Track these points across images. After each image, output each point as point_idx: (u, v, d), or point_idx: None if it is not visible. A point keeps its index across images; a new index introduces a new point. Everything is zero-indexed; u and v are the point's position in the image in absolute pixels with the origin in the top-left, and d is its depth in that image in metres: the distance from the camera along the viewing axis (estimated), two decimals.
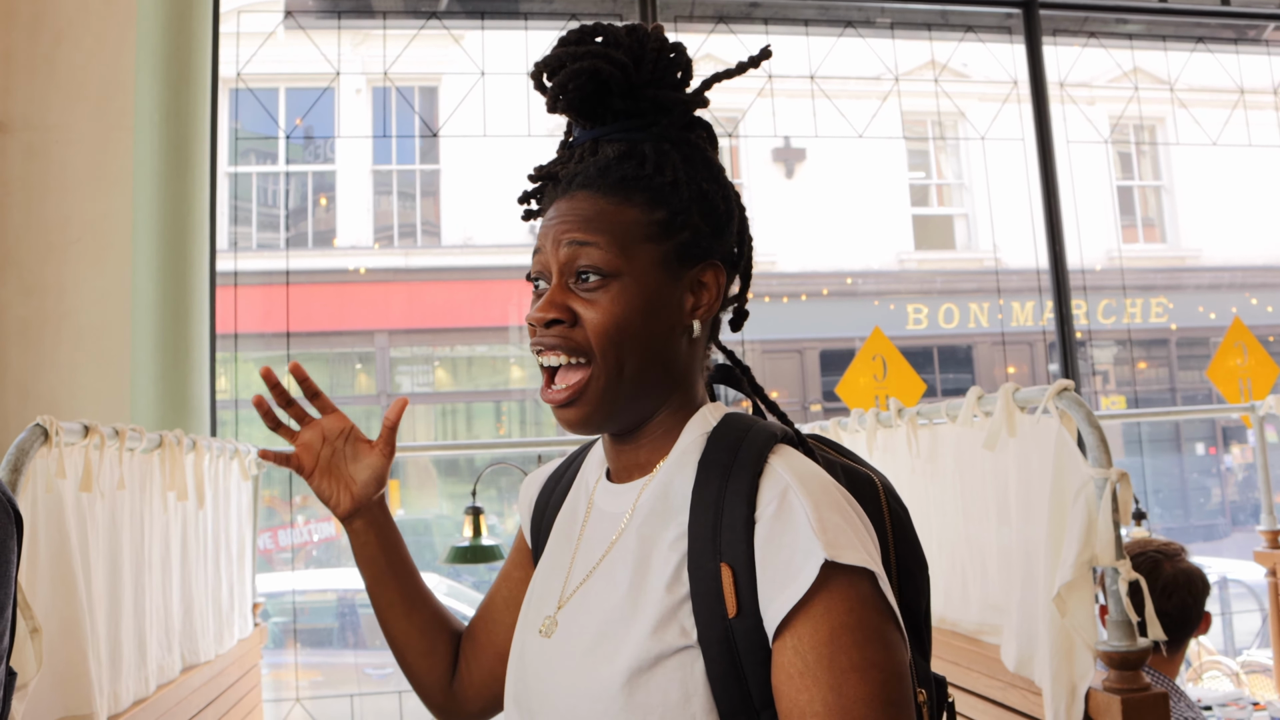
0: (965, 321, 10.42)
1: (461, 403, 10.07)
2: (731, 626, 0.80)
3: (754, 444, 0.87)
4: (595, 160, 0.93)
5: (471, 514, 2.98)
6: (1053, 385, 1.71)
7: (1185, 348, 11.03)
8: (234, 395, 8.11)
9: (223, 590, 2.54)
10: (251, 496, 2.88)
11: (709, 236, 0.93)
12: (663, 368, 0.91)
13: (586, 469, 1.03)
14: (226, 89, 8.48)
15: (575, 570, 0.94)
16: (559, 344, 0.89)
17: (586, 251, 0.88)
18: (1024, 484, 1.83)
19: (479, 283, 9.63)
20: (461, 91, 5.01)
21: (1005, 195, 9.00)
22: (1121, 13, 4.39)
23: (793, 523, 0.80)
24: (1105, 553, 1.58)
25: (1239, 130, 7.78)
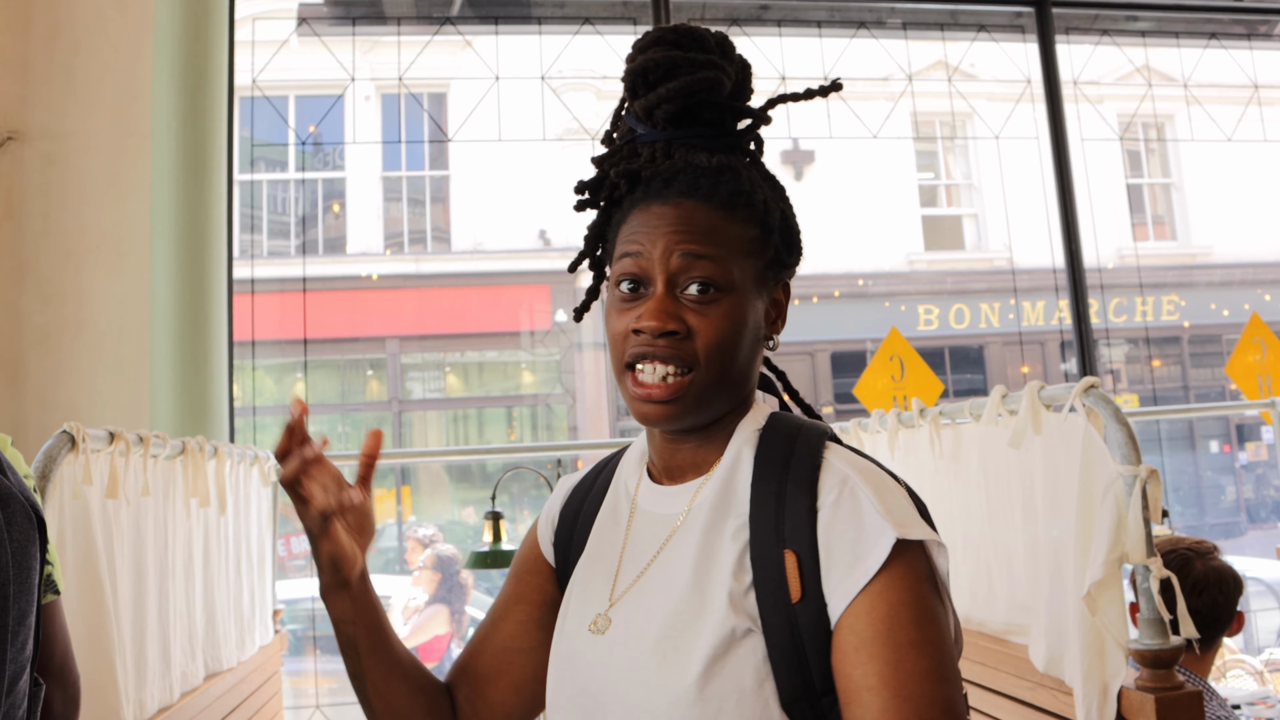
0: (976, 322, 10.40)
1: (473, 408, 10.08)
2: (795, 611, 0.82)
3: (809, 439, 0.90)
4: (692, 169, 0.93)
5: (491, 519, 2.97)
6: (1079, 382, 1.70)
7: (1198, 345, 10.98)
8: (250, 402, 8.14)
9: (244, 597, 2.54)
10: (271, 503, 2.88)
11: (787, 255, 0.97)
12: (745, 376, 0.94)
13: (622, 474, 1.04)
14: (239, 97, 8.52)
15: (625, 569, 0.95)
16: (671, 356, 0.89)
17: (702, 265, 0.89)
18: (1050, 482, 1.82)
19: (489, 288, 9.64)
20: (472, 96, 5.02)
21: (1015, 194, 8.97)
22: (1133, 9, 4.37)
23: (857, 508, 0.83)
24: (1136, 550, 1.57)
25: (1251, 126, 7.75)
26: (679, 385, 0.89)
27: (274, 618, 2.89)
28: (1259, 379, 3.70)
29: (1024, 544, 1.96)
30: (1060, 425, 1.77)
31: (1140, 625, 1.60)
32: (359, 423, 9.75)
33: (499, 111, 4.34)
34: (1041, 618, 1.84)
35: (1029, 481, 1.91)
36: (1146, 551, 1.56)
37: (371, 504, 1.00)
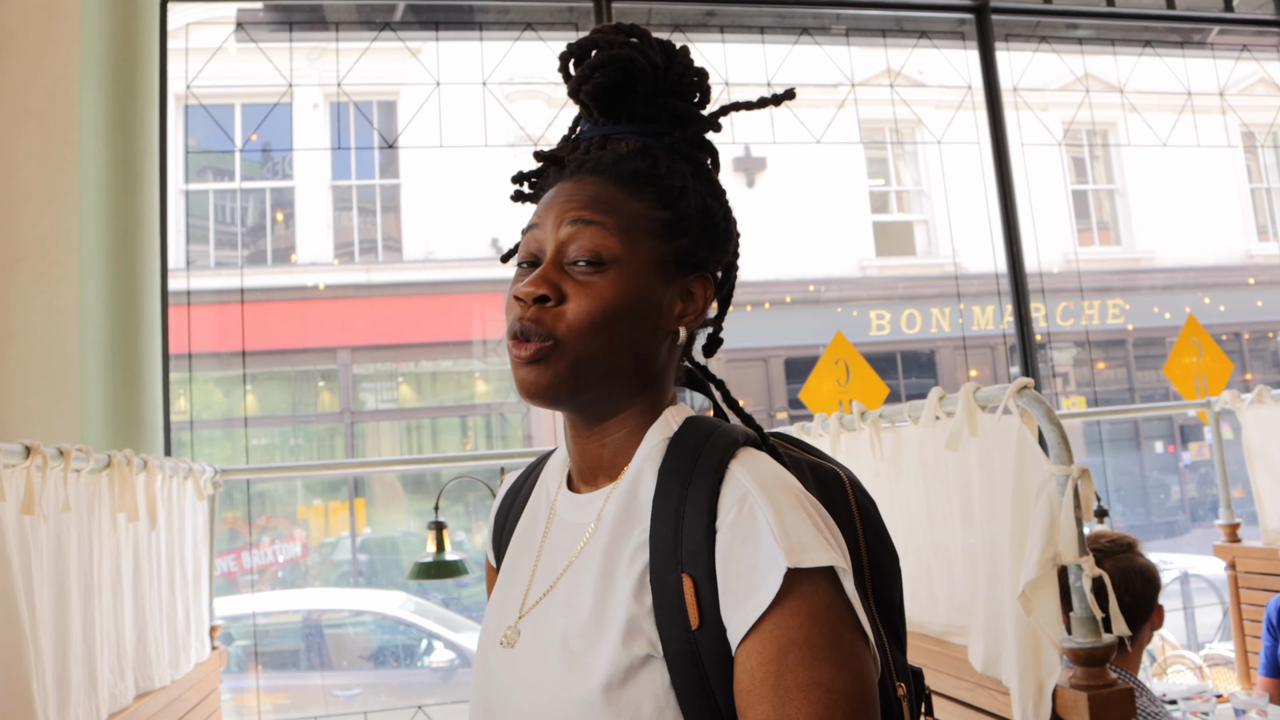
0: (927, 326, 10.51)
1: (426, 418, 9.98)
2: (695, 639, 0.78)
3: (715, 450, 0.85)
4: (607, 152, 0.92)
5: (434, 529, 2.93)
6: (1013, 384, 1.71)
7: (1142, 348, 11.20)
8: (196, 415, 7.98)
9: (178, 613, 2.48)
10: (208, 517, 2.81)
11: (706, 249, 0.93)
12: (639, 362, 0.90)
13: (546, 477, 1.01)
14: (180, 105, 8.39)
15: (537, 580, 0.92)
16: (539, 319, 0.86)
17: (590, 232, 0.87)
18: (987, 483, 1.83)
19: (441, 297, 9.57)
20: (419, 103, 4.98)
21: (963, 201, 9.09)
22: (1072, 16, 4.44)
23: (754, 530, 0.78)
24: (1069, 549, 1.58)
25: (1187, 133, 7.92)
26: (542, 349, 0.85)
27: (211, 634, 2.82)
28: (1195, 380, 3.76)
29: (962, 545, 1.97)
30: (995, 427, 1.78)
31: (1073, 624, 1.61)
32: (311, 435, 9.62)
33: (440, 118, 4.30)
34: (979, 618, 1.85)
35: (966, 483, 1.92)
36: (1079, 550, 1.57)
37: None
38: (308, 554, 9.34)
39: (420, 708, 4.55)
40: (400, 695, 6.66)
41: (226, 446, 9.19)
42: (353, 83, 4.08)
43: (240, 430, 9.29)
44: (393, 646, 7.15)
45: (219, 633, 2.89)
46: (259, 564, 8.79)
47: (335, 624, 7.45)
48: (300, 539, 9.32)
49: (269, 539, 9.04)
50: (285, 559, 9.16)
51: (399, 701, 6.58)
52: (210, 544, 2.83)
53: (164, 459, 2.39)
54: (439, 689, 6.45)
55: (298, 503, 9.62)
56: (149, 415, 2.99)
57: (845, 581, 0.78)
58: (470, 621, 7.28)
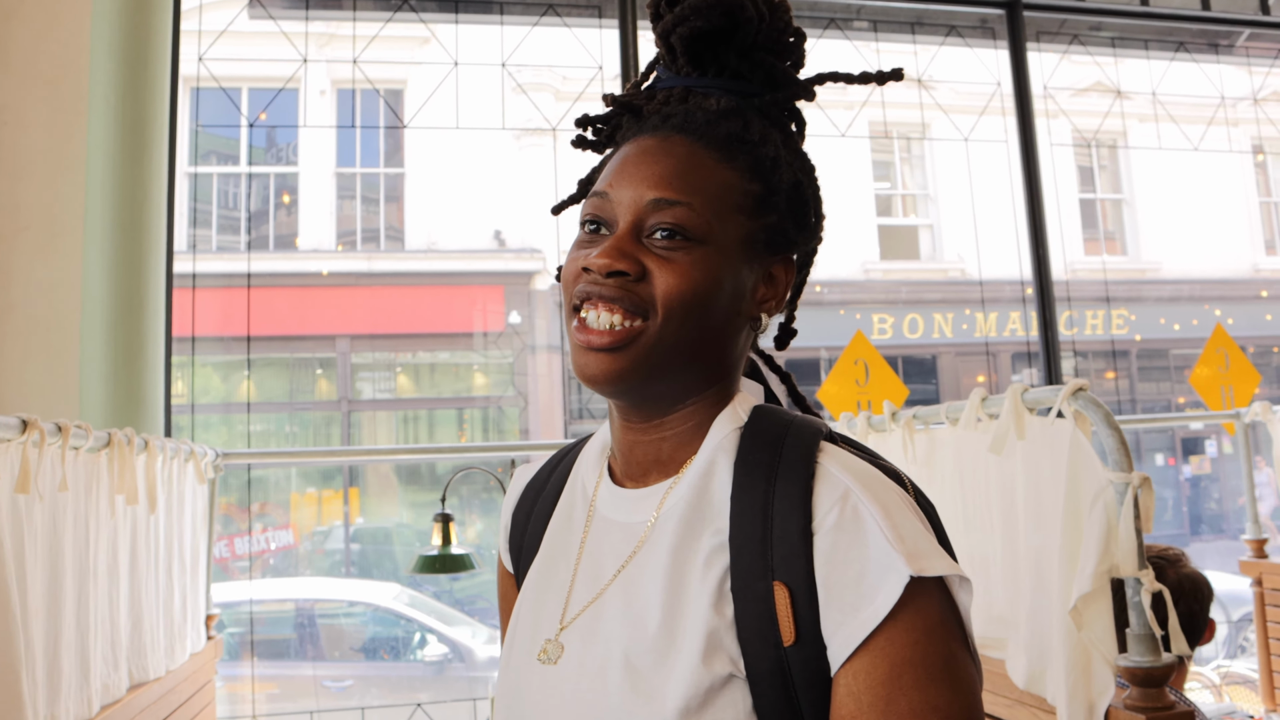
0: (930, 331, 10.45)
1: (424, 410, 9.90)
2: (786, 656, 0.69)
3: (800, 441, 0.75)
4: (693, 107, 0.82)
5: (441, 521, 2.84)
6: (1067, 385, 1.62)
7: (1145, 359, 11.13)
8: (193, 399, 7.89)
9: (175, 601, 2.39)
10: (208, 501, 2.72)
11: (793, 229, 0.84)
12: (719, 351, 0.80)
13: (580, 470, 0.90)
14: (188, 87, 8.29)
15: (579, 587, 0.81)
16: (619, 297, 0.76)
17: (675, 211, 0.76)
18: (1033, 489, 1.74)
19: (442, 288, 9.49)
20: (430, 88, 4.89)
21: (970, 205, 9.02)
22: (1101, 14, 4.34)
23: (861, 533, 0.69)
24: (1127, 562, 1.49)
25: (1201, 142, 7.84)
26: (626, 333, 0.75)
27: (208, 623, 2.73)
28: (1222, 390, 3.68)
29: (1002, 553, 1.88)
30: (1045, 430, 1.69)
31: (1130, 641, 1.52)
32: (307, 422, 9.54)
33: (457, 99, 4.21)
34: (1022, 631, 1.76)
35: (1009, 488, 1.83)
36: (1138, 563, 1.49)
37: None
38: (300, 542, 9.26)
39: (420, 705, 4.45)
40: (392, 689, 6.58)
41: (223, 432, 9.10)
42: (366, 59, 3.98)
43: (235, 416, 9.21)
44: (386, 639, 7.07)
45: (215, 621, 2.79)
46: (251, 551, 8.71)
47: (328, 614, 7.37)
48: (293, 527, 9.24)
49: (261, 526, 8.96)
50: (278, 546, 9.09)
51: (391, 694, 6.50)
52: (210, 529, 2.73)
53: (165, 440, 2.30)
54: (432, 683, 6.37)
55: (291, 490, 9.55)
56: (150, 396, 2.89)
57: (963, 593, 0.69)
58: (463, 615, 7.19)
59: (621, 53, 3.54)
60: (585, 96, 4.41)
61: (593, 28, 3.99)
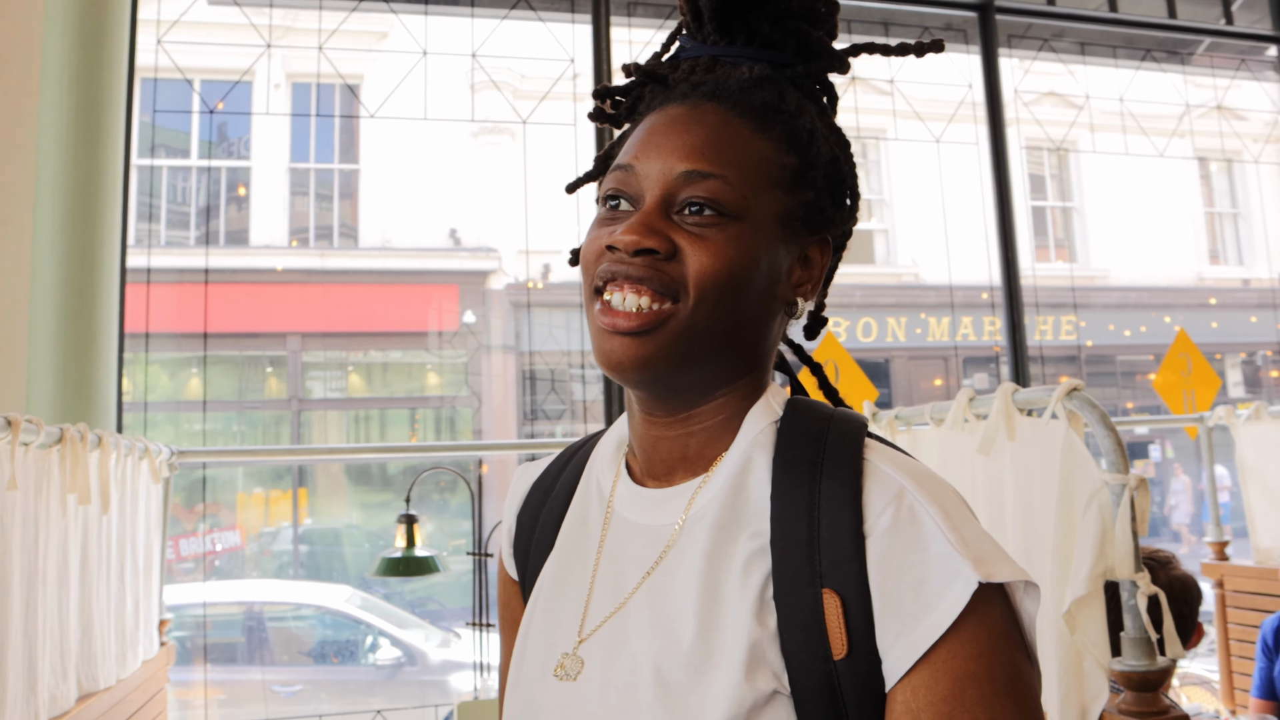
0: (883, 335, 10.52)
1: (375, 409, 9.76)
2: (837, 670, 0.63)
3: (844, 436, 0.70)
4: (723, 76, 0.76)
5: (405, 522, 2.76)
6: (1061, 385, 1.59)
7: (1094, 364, 11.32)
8: (142, 397, 7.67)
9: (127, 606, 2.28)
10: (162, 501, 2.61)
11: (830, 207, 0.78)
12: (752, 338, 0.74)
13: (595, 466, 0.83)
14: (141, 78, 8.08)
15: (598, 596, 0.75)
16: (647, 276, 0.69)
17: (709, 184, 0.70)
18: (1023, 491, 1.71)
19: (396, 286, 9.37)
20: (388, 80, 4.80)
21: (925, 211, 9.09)
22: (1069, 20, 4.36)
23: (919, 535, 0.64)
24: (1123, 565, 1.46)
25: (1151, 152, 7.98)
26: (656, 315, 0.69)
27: (160, 628, 2.62)
28: (1184, 395, 3.72)
29: None
30: (1035, 431, 1.67)
31: (1125, 645, 1.50)
32: (256, 421, 9.35)
33: (425, 90, 4.12)
34: None
35: (997, 490, 1.80)
36: (1134, 566, 1.46)
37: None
38: (247, 544, 9.08)
39: (379, 713, 4.35)
40: (343, 693, 6.45)
41: (169, 430, 8.89)
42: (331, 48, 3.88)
43: (182, 415, 9.00)
44: (337, 642, 6.93)
45: (168, 627, 2.69)
46: (196, 552, 8.51)
47: (277, 617, 7.21)
48: (240, 528, 9.06)
49: (208, 526, 8.76)
50: (224, 548, 8.90)
51: (342, 699, 6.37)
52: (164, 531, 2.63)
53: (119, 437, 2.20)
54: (385, 688, 6.25)
55: (239, 490, 9.36)
56: (101, 392, 2.77)
57: (1029, 599, 0.64)
58: (415, 618, 7.08)
59: (594, 47, 3.49)
60: (552, 95, 4.35)
61: (565, 22, 3.93)
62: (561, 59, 3.97)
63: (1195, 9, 4.84)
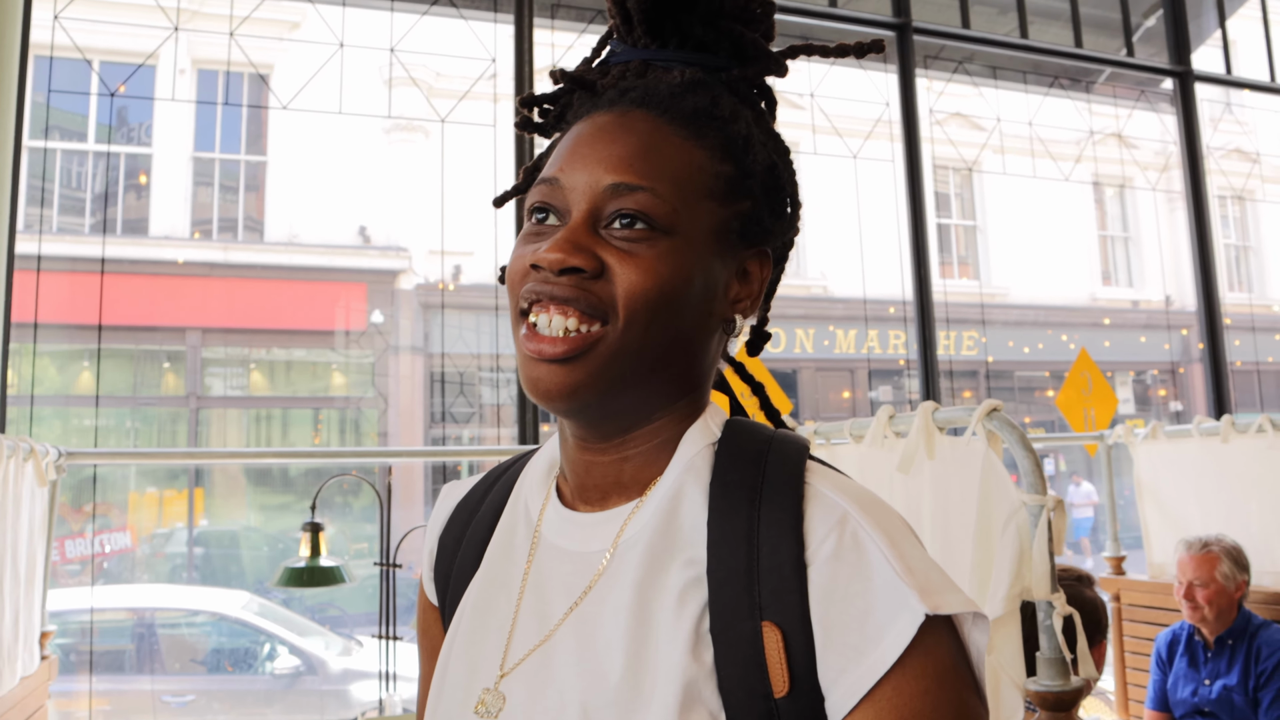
0: (791, 346, 10.66)
1: (278, 409, 9.49)
2: (778, 708, 0.60)
3: (785, 459, 0.66)
4: (654, 81, 0.72)
5: (310, 530, 2.65)
6: (981, 405, 1.60)
7: (994, 379, 11.66)
8: (28, 390, 7.30)
9: (4, 618, 2.14)
10: (47, 505, 2.46)
11: (769, 217, 0.74)
12: (688, 359, 0.70)
13: (524, 488, 0.78)
14: (34, 56, 7.70)
15: (523, 627, 0.70)
16: (573, 297, 0.65)
17: (637, 196, 0.66)
18: (941, 510, 1.72)
19: (302, 283, 9.13)
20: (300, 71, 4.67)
21: (837, 224, 9.24)
22: (988, 45, 4.48)
23: (864, 563, 0.60)
24: (1040, 585, 1.48)
25: (1046, 175, 8.28)
26: (583, 339, 0.65)
27: (42, 641, 2.47)
28: (1084, 413, 3.83)
29: None
30: (955, 450, 1.68)
31: (1040, 665, 1.52)
32: (151, 418, 9.00)
33: (341, 83, 4.00)
34: None
35: (916, 508, 1.81)
36: (1050, 586, 1.48)
37: None
38: (138, 545, 8.72)
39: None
40: (238, 704, 6.23)
41: (57, 426, 8.49)
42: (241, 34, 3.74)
43: (72, 410, 8.62)
44: (231, 650, 6.68)
45: (50, 639, 2.53)
46: (83, 554, 8.13)
47: (169, 624, 6.92)
48: (131, 529, 8.69)
49: (96, 527, 8.39)
50: (113, 550, 8.53)
51: (237, 709, 6.15)
52: (48, 537, 2.48)
53: (2, 438, 2.06)
54: (282, 698, 6.06)
55: (130, 490, 8.98)
56: None
57: (977, 631, 0.61)
58: (315, 625, 6.88)
59: (516, 48, 3.44)
60: (471, 95, 4.28)
61: (488, 20, 3.86)
62: (483, 58, 3.91)
63: (1099, 39, 5.03)
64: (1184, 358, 12.01)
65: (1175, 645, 2.97)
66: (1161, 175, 10.17)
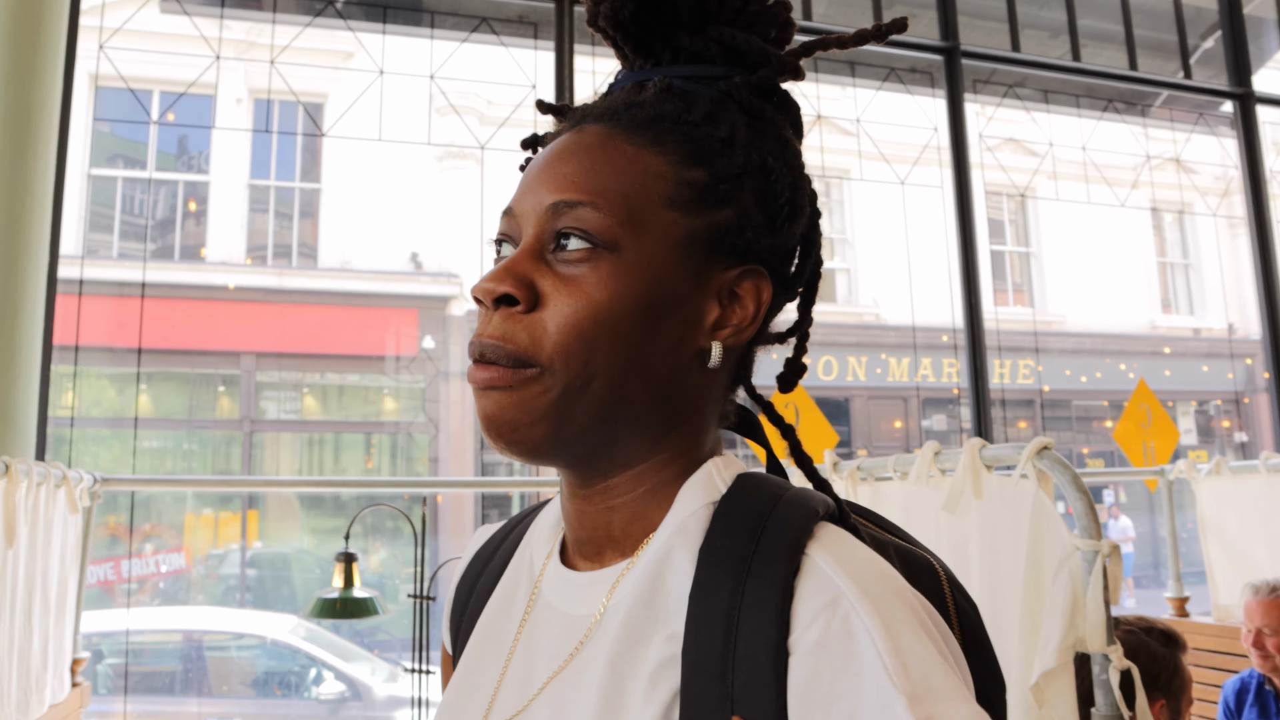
0: (843, 375, 10.53)
1: (330, 433, 9.57)
2: None
3: (786, 525, 0.57)
4: (622, 94, 0.66)
5: (343, 561, 2.62)
6: (1031, 443, 1.51)
7: (1050, 409, 11.41)
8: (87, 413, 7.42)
9: (33, 646, 2.12)
10: (81, 532, 2.45)
11: (761, 230, 0.64)
12: (657, 396, 0.62)
13: (532, 540, 0.72)
14: (95, 85, 7.91)
15: (506, 690, 0.64)
16: (508, 331, 0.59)
17: (577, 213, 0.59)
18: (989, 553, 1.63)
19: (354, 309, 9.22)
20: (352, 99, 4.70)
21: (888, 251, 9.12)
22: (1037, 68, 4.38)
23: (853, 656, 0.51)
24: (1095, 636, 1.38)
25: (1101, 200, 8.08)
26: (516, 381, 0.59)
27: (74, 669, 2.46)
28: (1144, 446, 3.68)
29: None
30: (1004, 489, 1.59)
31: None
32: (206, 441, 9.11)
33: (380, 109, 4.01)
34: None
35: (962, 551, 1.72)
36: (1106, 638, 1.38)
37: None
38: (193, 566, 8.81)
39: None
40: None
41: (115, 447, 8.63)
42: (287, 67, 3.77)
43: (129, 431, 8.74)
44: (279, 674, 6.70)
45: (82, 666, 2.52)
46: (140, 574, 8.23)
47: (217, 646, 6.96)
48: (186, 550, 8.79)
49: (152, 548, 8.50)
50: (169, 570, 8.63)
51: None
52: (82, 564, 2.47)
53: (32, 463, 2.05)
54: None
55: (186, 511, 9.09)
56: (21, 411, 2.62)
57: None
58: (362, 650, 6.88)
59: (557, 74, 3.42)
60: (511, 122, 4.28)
61: (528, 48, 3.86)
62: (523, 84, 3.90)
63: (1155, 62, 4.90)
64: (1249, 387, 11.64)
65: (1244, 695, 2.81)
66: (1222, 200, 9.90)
